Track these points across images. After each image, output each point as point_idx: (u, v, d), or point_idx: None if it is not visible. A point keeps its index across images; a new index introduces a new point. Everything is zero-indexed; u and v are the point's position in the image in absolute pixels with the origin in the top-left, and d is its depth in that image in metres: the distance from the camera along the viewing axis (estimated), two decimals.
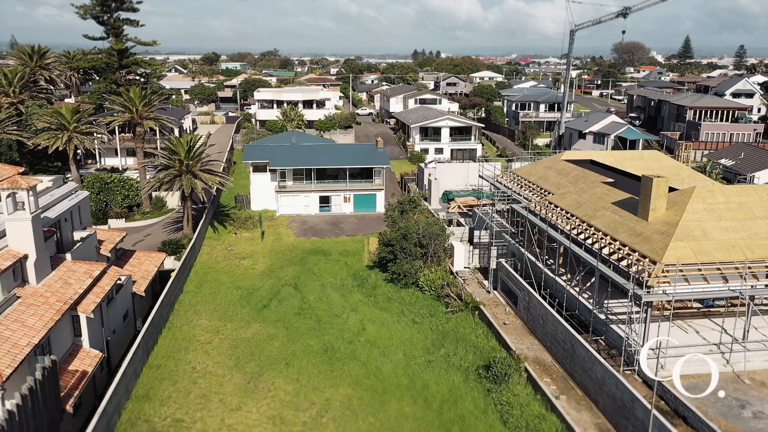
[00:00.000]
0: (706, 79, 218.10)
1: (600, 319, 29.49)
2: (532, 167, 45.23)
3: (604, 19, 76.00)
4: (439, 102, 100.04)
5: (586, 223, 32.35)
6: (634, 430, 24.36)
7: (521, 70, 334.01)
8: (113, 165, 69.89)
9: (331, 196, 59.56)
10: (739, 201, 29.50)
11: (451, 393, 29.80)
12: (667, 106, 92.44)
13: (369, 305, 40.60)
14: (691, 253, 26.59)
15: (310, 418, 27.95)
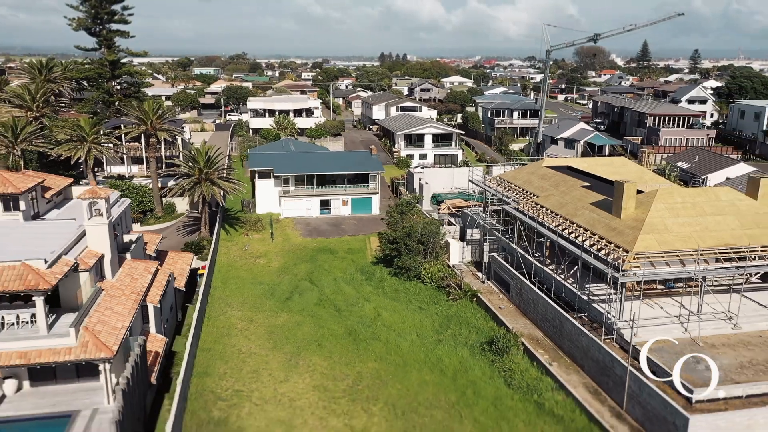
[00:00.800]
0: (663, 83, 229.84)
1: (583, 300, 35.69)
2: (517, 173, 51.46)
3: (577, 42, 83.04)
4: (419, 110, 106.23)
5: (568, 220, 38.59)
6: (614, 385, 30.57)
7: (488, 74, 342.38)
8: (119, 172, 73.87)
9: (331, 199, 64.93)
10: (692, 201, 36.10)
11: (461, 364, 35.61)
12: (630, 112, 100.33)
13: (379, 295, 46.21)
14: (656, 243, 32.96)
15: (347, 386, 33.44)
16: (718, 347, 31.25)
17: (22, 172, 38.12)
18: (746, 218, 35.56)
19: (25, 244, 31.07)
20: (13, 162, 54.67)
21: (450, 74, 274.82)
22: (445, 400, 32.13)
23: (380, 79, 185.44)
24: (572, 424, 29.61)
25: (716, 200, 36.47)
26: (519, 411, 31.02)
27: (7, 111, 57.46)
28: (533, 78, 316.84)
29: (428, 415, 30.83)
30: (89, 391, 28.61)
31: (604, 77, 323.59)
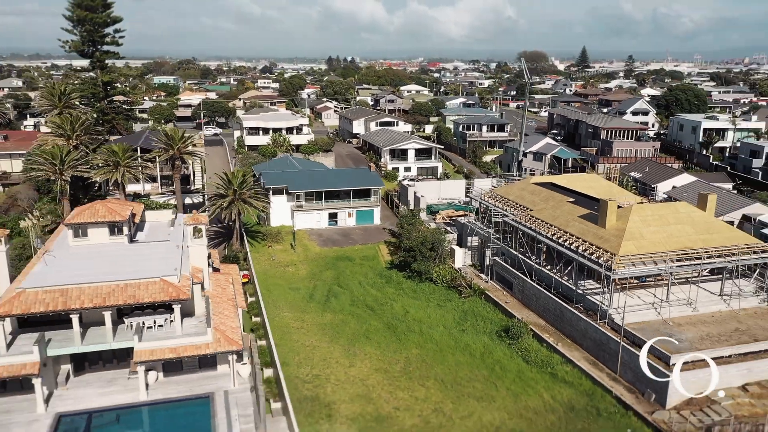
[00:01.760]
0: (605, 91, 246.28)
1: (578, 293, 45.42)
2: (509, 188, 61.14)
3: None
4: (396, 124, 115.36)
5: (562, 230, 48.35)
6: (609, 357, 40.30)
7: (439, 80, 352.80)
8: (135, 191, 79.73)
9: (338, 212, 73.11)
10: (659, 214, 46.43)
11: (485, 348, 44.76)
12: (584, 125, 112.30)
13: (402, 296, 54.89)
14: (635, 248, 42.99)
15: (401, 367, 42.05)
16: (683, 325, 41.49)
17: (120, 201, 45.00)
18: (699, 226, 46.14)
19: (137, 263, 38.23)
20: (60, 187, 60.61)
21: (405, 82, 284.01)
22: (480, 375, 41.19)
23: (345, 90, 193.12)
24: (580, 387, 39.17)
25: (676, 212, 46.95)
26: (538, 380, 40.39)
27: (52, 140, 63.11)
28: (481, 83, 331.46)
29: (470, 386, 39.81)
30: (210, 378, 36.18)
31: (549, 83, 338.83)
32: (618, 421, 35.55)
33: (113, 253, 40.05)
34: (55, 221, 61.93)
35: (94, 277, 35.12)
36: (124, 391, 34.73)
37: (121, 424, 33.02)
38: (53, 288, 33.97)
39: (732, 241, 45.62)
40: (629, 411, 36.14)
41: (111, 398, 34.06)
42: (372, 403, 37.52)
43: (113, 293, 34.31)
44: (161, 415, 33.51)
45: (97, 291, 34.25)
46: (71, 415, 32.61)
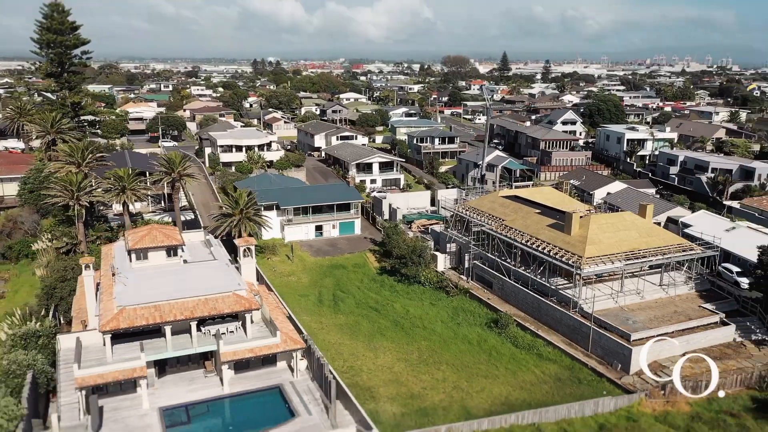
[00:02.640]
0: (529, 98, 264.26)
1: (552, 289, 55.97)
2: (480, 201, 71.36)
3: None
4: (355, 138, 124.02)
5: (534, 237, 58.87)
6: (581, 338, 50.93)
7: (370, 84, 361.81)
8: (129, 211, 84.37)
9: (324, 224, 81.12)
10: (611, 222, 57.76)
11: (480, 337, 54.48)
12: (524, 136, 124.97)
13: (398, 297, 63.83)
14: (596, 250, 53.95)
15: (418, 356, 51.05)
16: (635, 310, 52.79)
17: (168, 226, 51.55)
18: (641, 231, 57.82)
19: (201, 281, 45.38)
20: (77, 212, 65.59)
21: (341, 89, 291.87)
22: (481, 359, 50.84)
23: (290, 100, 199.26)
24: (562, 363, 49.56)
25: (624, 221, 58.49)
26: (528, 360, 50.49)
27: (63, 168, 67.67)
28: (411, 89, 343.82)
29: (476, 368, 49.38)
30: (273, 373, 43.86)
31: (474, 88, 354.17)
32: (595, 386, 46.11)
33: (174, 272, 46.90)
34: (71, 243, 66.92)
35: (179, 293, 42.18)
36: (205, 387, 41.99)
37: (212, 413, 40.31)
38: (148, 305, 40.84)
39: (667, 242, 57.58)
40: (602, 378, 46.80)
41: (197, 393, 41.25)
42: (403, 386, 46.40)
43: (198, 306, 41.55)
44: (243, 404, 41.04)
45: (184, 305, 41.39)
46: (171, 408, 39.63)
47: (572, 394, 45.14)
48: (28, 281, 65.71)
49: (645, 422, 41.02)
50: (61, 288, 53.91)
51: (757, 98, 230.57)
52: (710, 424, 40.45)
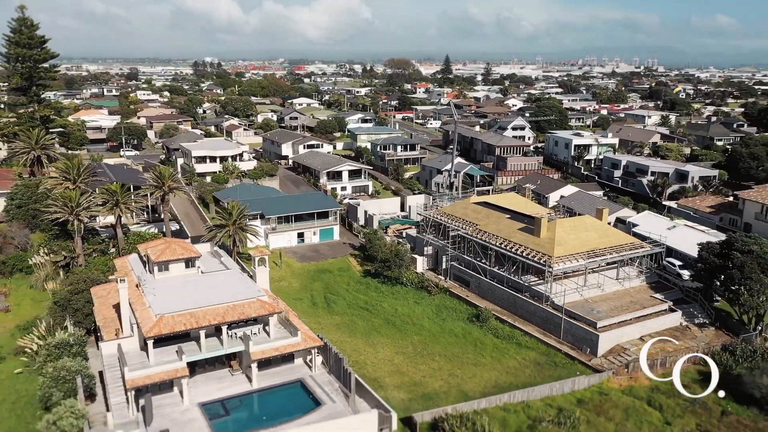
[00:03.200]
0: (475, 101, 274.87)
1: (525, 285, 63.33)
2: (453, 207, 78.27)
3: None
4: (321, 146, 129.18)
5: (508, 240, 66.14)
6: (554, 327, 58.42)
7: (317, 87, 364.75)
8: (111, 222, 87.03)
9: (305, 231, 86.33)
10: (574, 225, 65.67)
11: (464, 330, 61.21)
12: (480, 143, 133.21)
13: (384, 297, 69.85)
14: (563, 251, 61.63)
15: (413, 349, 57.25)
16: (598, 302, 60.75)
17: (182, 241, 55.85)
18: (599, 232, 66.00)
19: (222, 289, 50.25)
20: (77, 227, 68.61)
21: (291, 93, 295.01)
22: (468, 350, 57.55)
23: (246, 107, 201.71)
24: (539, 350, 56.85)
25: (584, 223, 66.56)
26: (509, 349, 57.56)
27: (59, 184, 70.33)
28: (359, 92, 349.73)
29: (465, 357, 56.04)
30: (292, 368, 49.17)
31: (420, 91, 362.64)
32: (569, 368, 53.57)
33: (196, 282, 51.55)
34: (70, 257, 69.87)
35: (209, 301, 46.98)
36: (234, 384, 47.03)
37: (245, 407, 45.42)
38: (183, 312, 45.52)
39: (621, 241, 65.99)
40: (575, 361, 54.33)
41: (229, 390, 46.25)
42: (405, 375, 52.58)
43: (228, 312, 46.51)
44: (272, 397, 46.30)
45: (216, 311, 46.28)
46: (209, 403, 44.51)
47: (551, 375, 52.38)
48: (28, 294, 68.17)
49: (614, 395, 48.66)
50: (76, 300, 57.31)
51: (684, 101, 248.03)
52: (666, 394, 48.45)
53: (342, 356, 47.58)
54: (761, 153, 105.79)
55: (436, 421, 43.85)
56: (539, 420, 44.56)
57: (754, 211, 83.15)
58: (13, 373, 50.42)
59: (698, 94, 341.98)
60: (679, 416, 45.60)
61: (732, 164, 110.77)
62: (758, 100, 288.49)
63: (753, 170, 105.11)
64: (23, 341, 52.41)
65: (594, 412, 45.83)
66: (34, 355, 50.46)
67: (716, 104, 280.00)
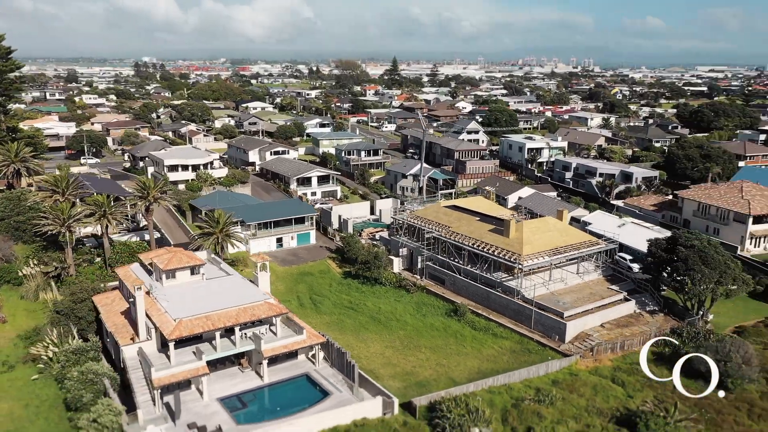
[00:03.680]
0: (426, 104, 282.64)
1: (497, 282, 69.76)
2: (426, 211, 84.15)
3: None
4: (287, 152, 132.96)
5: (480, 240, 72.47)
6: (525, 319, 65.01)
7: (266, 90, 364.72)
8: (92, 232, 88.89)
9: (283, 236, 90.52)
10: (538, 226, 72.60)
11: (444, 324, 67.09)
12: (439, 147, 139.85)
13: (366, 297, 75.00)
14: (531, 249, 68.37)
15: (400, 342, 62.71)
16: (562, 294, 67.75)
17: (185, 252, 59.46)
18: (561, 232, 73.16)
19: (230, 293, 54.51)
20: (64, 238, 70.90)
21: (243, 97, 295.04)
22: (450, 341, 63.47)
23: (202, 112, 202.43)
24: (513, 339, 63.28)
25: (547, 224, 73.59)
26: (486, 339, 63.81)
27: (49, 197, 72.26)
28: (309, 94, 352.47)
29: (448, 348, 61.89)
30: (297, 364, 53.83)
31: (370, 93, 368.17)
32: (542, 354, 60.17)
33: (203, 288, 55.55)
34: (61, 267, 72.07)
35: (221, 305, 51.15)
36: (246, 380, 51.42)
37: (259, 399, 49.87)
38: (200, 315, 49.57)
39: (579, 239, 73.36)
40: (546, 347, 60.99)
41: (242, 385, 50.62)
42: (398, 366, 58.02)
43: (240, 314, 50.83)
44: (282, 390, 50.88)
45: (229, 314, 50.53)
46: (226, 398, 48.80)
47: (526, 361, 58.86)
48: (20, 305, 69.97)
49: (583, 375, 55.47)
50: (80, 308, 60.18)
51: (622, 103, 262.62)
52: (627, 372, 55.64)
53: (345, 351, 52.61)
54: (695, 154, 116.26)
55: (432, 404, 49.39)
56: (521, 399, 50.81)
57: (691, 208, 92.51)
58: (30, 380, 53.12)
59: (634, 95, 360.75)
60: (639, 390, 52.68)
61: (670, 165, 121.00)
62: (688, 101, 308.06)
63: (689, 170, 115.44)
64: (36, 349, 55.04)
65: (567, 390, 52.40)
66: (50, 362, 53.30)
67: (651, 105, 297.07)
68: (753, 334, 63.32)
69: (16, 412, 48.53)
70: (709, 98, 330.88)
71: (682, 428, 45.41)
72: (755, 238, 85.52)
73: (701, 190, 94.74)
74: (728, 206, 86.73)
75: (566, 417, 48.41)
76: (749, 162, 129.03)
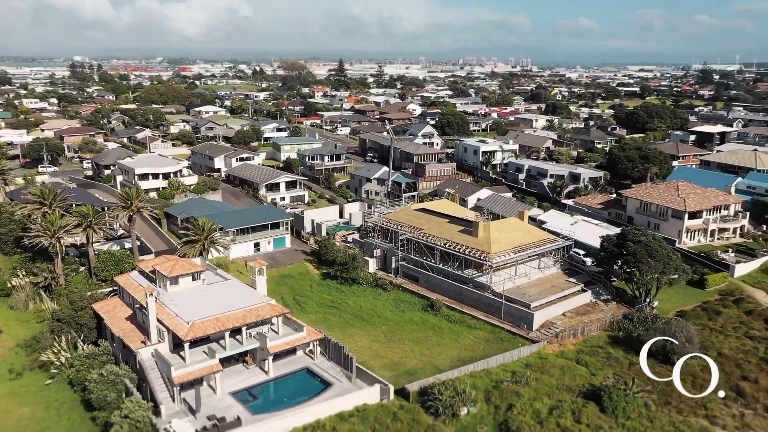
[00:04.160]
0: (376, 106, 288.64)
1: (469, 278, 76.39)
2: (397, 214, 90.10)
3: None
4: (252, 158, 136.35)
5: (451, 240, 78.96)
6: (495, 311, 71.84)
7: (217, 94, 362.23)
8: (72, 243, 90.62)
9: (260, 241, 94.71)
10: (502, 226, 79.71)
11: (422, 318, 73.14)
12: (398, 150, 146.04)
13: (346, 296, 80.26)
14: (498, 247, 75.33)
15: (384, 336, 68.39)
16: (527, 287, 74.99)
17: (185, 259, 63.25)
18: (523, 231, 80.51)
19: (232, 296, 58.93)
20: (54, 248, 73.25)
21: (192, 101, 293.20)
22: (429, 334, 69.60)
23: (157, 117, 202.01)
24: (486, 329, 69.99)
25: (510, 224, 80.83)
26: (462, 330, 70.29)
27: (37, 209, 74.18)
28: (257, 96, 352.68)
29: (426, 340, 68.02)
30: (296, 359, 58.70)
31: (318, 95, 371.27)
32: (513, 341, 67.07)
33: (206, 292, 59.72)
34: (51, 277, 74.37)
35: (228, 307, 55.56)
36: (252, 375, 56.05)
37: (267, 392, 54.62)
38: (210, 318, 53.90)
39: (540, 237, 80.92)
40: (516, 336, 67.96)
41: (249, 380, 55.22)
42: (386, 358, 63.72)
43: (246, 315, 55.42)
44: (287, 383, 55.76)
45: (236, 316, 55.05)
46: (237, 392, 53.36)
47: (500, 348, 65.61)
48: (11, 316, 72.04)
49: (551, 359, 62.62)
50: (81, 316, 63.21)
51: (563, 105, 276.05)
52: (588, 354, 63.19)
53: (342, 345, 57.94)
54: (635, 156, 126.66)
55: (423, 389, 55.32)
56: (501, 381, 57.45)
57: (634, 206, 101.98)
58: (43, 385, 56.13)
59: (572, 95, 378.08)
60: (600, 369, 60.23)
61: (612, 165, 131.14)
62: (623, 101, 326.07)
63: (629, 170, 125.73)
64: (46, 356, 57.93)
65: (539, 372, 59.40)
66: (62, 367, 56.41)
67: (589, 106, 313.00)
68: (692, 316, 72.21)
69: (39, 414, 51.72)
70: (641, 98, 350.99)
71: (639, 398, 52.98)
72: (690, 232, 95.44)
73: (642, 189, 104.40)
74: (667, 204, 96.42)
75: (541, 394, 55.31)
76: (682, 162, 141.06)
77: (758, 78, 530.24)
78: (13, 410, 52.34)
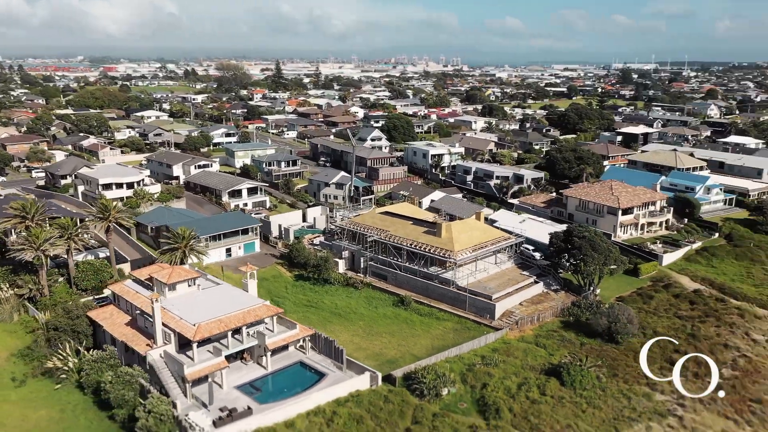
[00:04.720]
0: (318, 109, 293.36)
1: (434, 275, 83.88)
2: (364, 217, 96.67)
3: None
4: (211, 165, 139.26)
5: (416, 241, 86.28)
6: (460, 303, 79.65)
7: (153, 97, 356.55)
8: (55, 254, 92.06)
9: (232, 246, 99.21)
10: (464, 226, 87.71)
11: (394, 313, 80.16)
12: (352, 156, 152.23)
13: (321, 295, 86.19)
14: (460, 246, 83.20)
15: (363, 331, 74.89)
16: (487, 281, 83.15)
17: (180, 267, 67.63)
18: (481, 230, 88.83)
19: (229, 299, 64.05)
20: (38, 260, 75.77)
21: (131, 105, 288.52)
22: (403, 327, 76.60)
23: (101, 124, 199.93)
24: (453, 320, 77.68)
25: (468, 224, 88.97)
26: (432, 322, 77.70)
27: (20, 223, 76.13)
28: (194, 99, 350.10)
29: (401, 332, 75.04)
30: (289, 354, 64.46)
31: (258, 97, 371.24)
32: (478, 330, 75.05)
33: (203, 297, 64.58)
34: (36, 289, 76.80)
35: (228, 309, 60.73)
36: (252, 371, 61.51)
37: (267, 384, 60.18)
38: (214, 320, 58.97)
39: (495, 236, 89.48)
40: (480, 325, 76.00)
41: (250, 375, 60.66)
42: (367, 350, 70.32)
43: (246, 316, 60.79)
44: (284, 376, 61.46)
45: (237, 317, 60.35)
46: (241, 386, 58.73)
47: (467, 336, 73.43)
48: None
49: (514, 343, 70.95)
50: (78, 323, 66.62)
51: (498, 106, 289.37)
52: (545, 337, 71.97)
53: (332, 339, 64.16)
54: (571, 157, 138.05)
55: (406, 375, 62.30)
56: (473, 365, 65.20)
57: (574, 204, 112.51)
58: (52, 390, 59.61)
59: (504, 96, 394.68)
60: (557, 350, 69.02)
61: (550, 166, 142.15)
62: (552, 101, 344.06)
63: (566, 170, 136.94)
64: (52, 363, 61.30)
65: (505, 355, 67.56)
66: (70, 372, 60.03)
67: (522, 106, 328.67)
68: (630, 301, 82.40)
69: (56, 416, 55.45)
70: (568, 98, 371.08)
71: (592, 372, 61.91)
72: (624, 227, 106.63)
73: (580, 189, 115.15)
74: (603, 201, 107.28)
75: (509, 374, 63.44)
76: (612, 161, 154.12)
77: (672, 78, 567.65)
78: (29, 414, 55.77)
